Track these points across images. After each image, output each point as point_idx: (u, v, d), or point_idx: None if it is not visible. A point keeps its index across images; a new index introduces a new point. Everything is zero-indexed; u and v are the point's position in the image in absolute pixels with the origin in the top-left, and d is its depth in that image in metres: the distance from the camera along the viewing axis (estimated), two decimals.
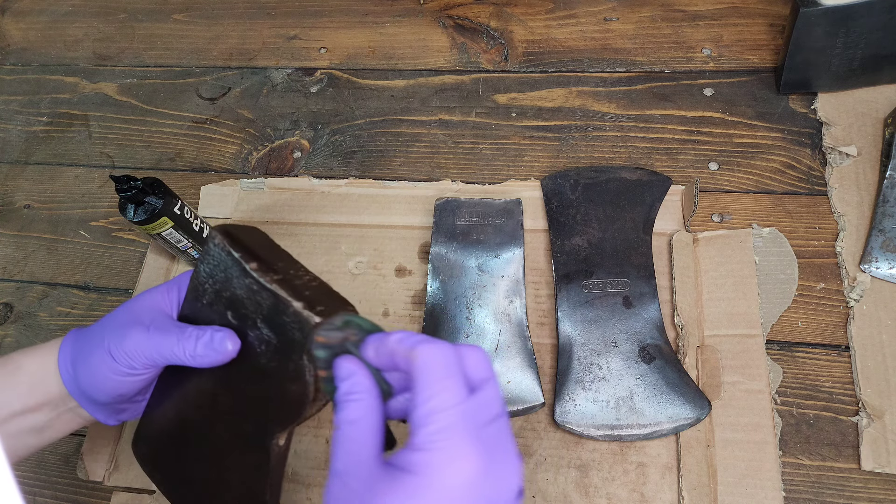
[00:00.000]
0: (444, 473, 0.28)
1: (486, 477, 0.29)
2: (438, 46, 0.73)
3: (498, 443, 0.30)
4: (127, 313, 0.40)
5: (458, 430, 0.29)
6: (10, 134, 0.76)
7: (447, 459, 0.28)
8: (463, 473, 0.28)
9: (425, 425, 0.29)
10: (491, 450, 0.29)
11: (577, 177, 0.60)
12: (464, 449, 0.28)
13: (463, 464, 0.28)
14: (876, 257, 0.53)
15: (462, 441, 0.29)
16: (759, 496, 0.46)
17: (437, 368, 0.30)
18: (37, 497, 0.53)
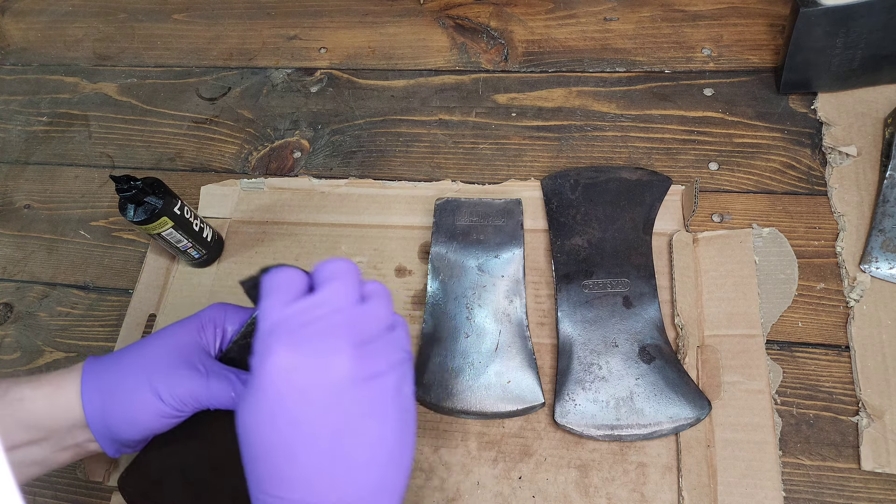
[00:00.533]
0: (263, 373, 0.33)
1: (302, 370, 0.32)
2: (438, 46, 0.73)
3: (319, 335, 0.33)
4: (171, 353, 0.40)
5: (273, 332, 0.33)
6: (10, 134, 0.76)
7: (262, 359, 0.33)
8: (277, 368, 0.32)
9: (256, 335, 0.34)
10: (307, 342, 0.33)
11: (577, 177, 0.60)
12: (274, 348, 0.33)
13: (274, 360, 0.32)
14: (876, 257, 0.53)
15: (274, 340, 0.33)
16: (759, 496, 0.46)
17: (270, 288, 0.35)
18: (37, 497, 0.53)
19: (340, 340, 0.33)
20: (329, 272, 0.36)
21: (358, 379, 0.33)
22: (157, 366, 0.39)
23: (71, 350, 0.60)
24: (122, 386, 0.38)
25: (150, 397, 0.38)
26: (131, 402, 0.38)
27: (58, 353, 0.60)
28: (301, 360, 0.33)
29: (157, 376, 0.38)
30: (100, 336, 0.60)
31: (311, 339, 0.33)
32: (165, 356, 0.39)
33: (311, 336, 0.33)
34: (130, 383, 0.38)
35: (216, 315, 0.42)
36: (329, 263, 0.36)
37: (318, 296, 0.35)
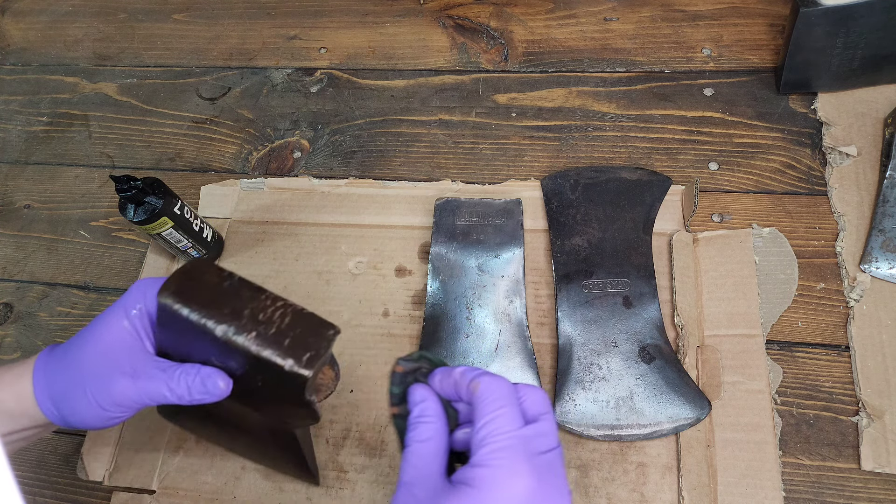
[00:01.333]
0: (500, 488, 0.31)
1: (537, 498, 0.31)
2: (438, 46, 0.73)
3: (550, 471, 0.32)
4: (102, 359, 0.39)
5: (514, 451, 0.32)
6: (10, 134, 0.76)
7: (503, 476, 0.31)
8: (517, 490, 0.31)
9: (485, 445, 0.32)
10: (543, 475, 0.32)
11: (577, 177, 0.60)
12: (519, 468, 0.31)
13: (518, 481, 0.31)
14: (876, 257, 0.53)
15: (517, 461, 0.31)
16: (759, 496, 0.46)
17: (497, 397, 0.33)
18: (37, 497, 0.53)
19: (563, 480, 0.33)
20: (540, 403, 0.35)
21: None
22: (92, 375, 0.38)
23: None
24: (68, 394, 0.39)
25: (92, 405, 0.38)
26: (78, 408, 0.39)
27: None
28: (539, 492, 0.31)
29: (93, 386, 0.38)
30: None
31: (548, 472, 0.32)
32: (98, 363, 0.39)
33: (546, 472, 0.32)
34: (73, 392, 0.39)
35: (138, 300, 0.39)
36: (538, 393, 0.35)
37: (542, 426, 0.34)
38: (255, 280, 0.59)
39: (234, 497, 0.50)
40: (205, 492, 0.51)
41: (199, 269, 0.39)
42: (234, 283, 0.39)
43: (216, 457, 0.52)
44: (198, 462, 0.52)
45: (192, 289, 0.38)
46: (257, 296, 0.39)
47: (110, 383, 0.38)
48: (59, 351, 0.40)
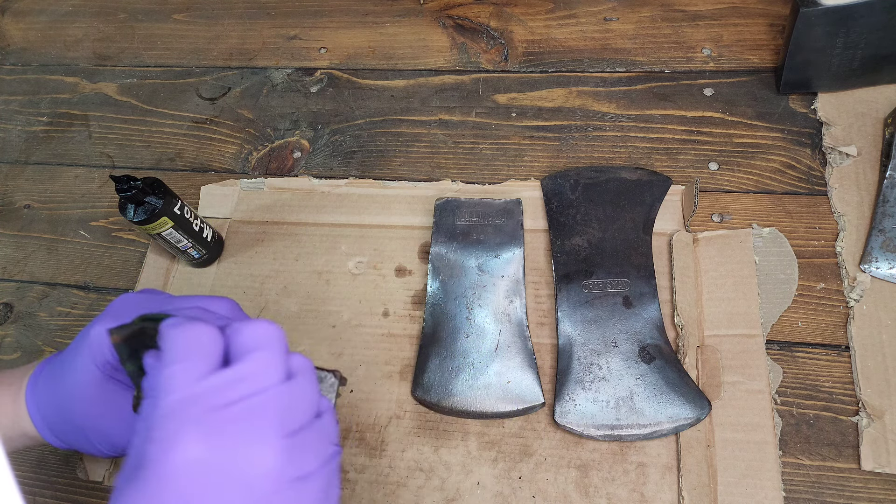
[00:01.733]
0: (162, 465, 0.26)
1: (217, 464, 0.27)
2: (438, 46, 0.73)
3: (241, 423, 0.27)
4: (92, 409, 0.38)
5: (179, 415, 0.27)
6: (10, 134, 0.76)
7: (164, 449, 0.27)
8: (183, 461, 0.26)
9: (151, 413, 0.28)
10: (225, 431, 0.27)
11: (577, 177, 0.60)
12: (181, 435, 0.27)
13: (179, 451, 0.26)
14: (876, 257, 0.53)
15: (181, 426, 0.27)
16: (759, 496, 0.46)
17: (176, 349, 0.29)
18: (37, 497, 0.53)
19: (266, 429, 0.27)
20: (252, 339, 0.29)
21: (284, 479, 0.27)
22: (90, 427, 0.38)
23: None
24: (72, 439, 0.40)
25: (99, 449, 0.39)
26: (80, 445, 0.40)
27: None
28: (215, 454, 0.27)
29: (93, 436, 0.39)
30: None
31: (228, 428, 0.27)
32: (91, 415, 0.38)
33: (228, 423, 0.27)
34: (77, 439, 0.39)
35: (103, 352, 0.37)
36: (252, 327, 0.30)
37: (239, 369, 0.28)
38: (256, 280, 0.60)
39: None
40: None
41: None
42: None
43: None
44: None
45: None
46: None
47: (111, 434, 0.39)
48: (47, 394, 0.39)
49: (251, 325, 0.30)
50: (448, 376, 0.52)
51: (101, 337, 0.36)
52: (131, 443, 0.29)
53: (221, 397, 0.28)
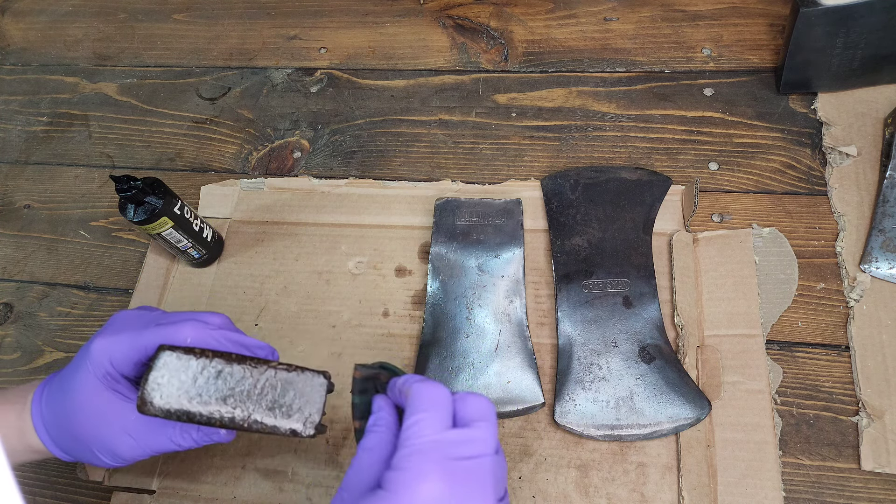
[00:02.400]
0: (407, 491, 0.30)
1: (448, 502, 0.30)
2: (438, 46, 0.73)
3: (471, 478, 0.32)
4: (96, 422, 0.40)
5: (426, 455, 0.31)
6: (10, 134, 0.76)
7: (412, 479, 0.31)
8: (423, 494, 0.30)
9: (401, 448, 0.32)
10: (460, 481, 0.31)
11: (577, 177, 0.60)
12: (428, 471, 0.31)
13: (425, 484, 0.30)
14: (876, 257, 0.53)
15: (427, 464, 0.31)
16: (759, 496, 0.46)
17: (423, 400, 0.33)
18: (37, 497, 0.53)
19: (486, 488, 0.32)
20: (477, 409, 0.34)
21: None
22: (94, 438, 0.40)
23: (71, 350, 0.60)
24: (79, 453, 0.41)
25: (104, 461, 0.41)
26: (84, 456, 0.41)
27: (58, 353, 0.60)
28: (450, 497, 0.31)
29: (98, 448, 0.40)
30: None
31: (464, 479, 0.31)
32: (94, 428, 0.40)
33: (462, 473, 0.31)
34: (76, 447, 0.41)
35: (104, 365, 0.39)
36: (478, 400, 0.35)
37: (470, 432, 0.33)
38: (256, 280, 0.60)
39: (234, 497, 0.50)
40: (205, 492, 0.51)
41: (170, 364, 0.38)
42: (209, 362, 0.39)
43: (216, 457, 0.52)
44: (198, 462, 0.52)
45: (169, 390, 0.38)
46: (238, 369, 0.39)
47: (115, 446, 0.40)
48: (51, 409, 0.41)
49: (476, 396, 0.35)
50: (448, 376, 0.52)
51: (102, 350, 0.39)
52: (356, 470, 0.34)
53: (459, 451, 0.32)
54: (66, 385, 0.40)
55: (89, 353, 0.39)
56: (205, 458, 0.52)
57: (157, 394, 0.37)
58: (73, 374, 0.40)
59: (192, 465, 0.52)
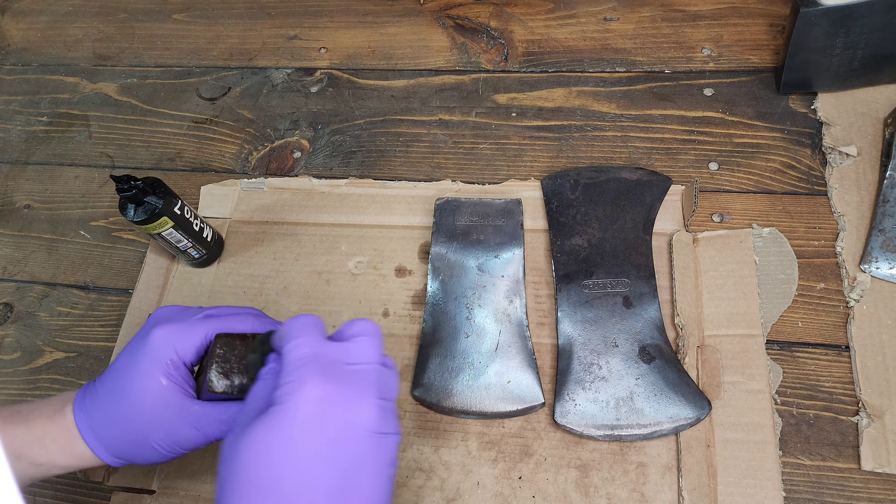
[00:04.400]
0: (294, 399, 0.33)
1: (333, 404, 0.33)
2: (438, 46, 0.73)
3: (351, 382, 0.34)
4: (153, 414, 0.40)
5: (307, 363, 0.34)
6: (10, 134, 0.76)
7: (296, 387, 0.33)
8: (310, 398, 0.33)
9: (284, 368, 0.35)
10: (341, 384, 0.34)
11: (577, 177, 0.60)
12: (311, 377, 0.33)
13: (309, 389, 0.33)
14: (876, 257, 0.53)
15: (309, 372, 0.34)
16: (759, 496, 0.46)
17: (295, 329, 0.36)
18: (37, 497, 0.53)
19: (368, 389, 0.35)
20: (360, 329, 0.37)
21: (374, 431, 0.34)
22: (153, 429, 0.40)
23: (71, 350, 0.60)
24: (130, 450, 0.41)
25: (160, 453, 0.41)
26: (143, 456, 0.41)
27: (58, 353, 0.60)
28: (332, 397, 0.33)
29: (156, 438, 0.40)
30: (100, 336, 0.60)
31: (343, 380, 0.34)
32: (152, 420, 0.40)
33: (343, 376, 0.34)
34: (131, 445, 0.40)
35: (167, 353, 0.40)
36: (359, 322, 0.38)
37: (352, 345, 0.36)
38: (256, 280, 0.60)
39: None
40: (205, 492, 0.51)
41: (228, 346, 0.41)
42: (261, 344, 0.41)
43: (216, 457, 0.52)
44: (198, 462, 0.52)
45: (232, 370, 0.40)
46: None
47: (175, 435, 0.40)
48: (102, 411, 0.40)
49: (358, 319, 0.38)
50: (448, 376, 0.52)
51: (165, 338, 0.40)
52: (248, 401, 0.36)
53: (338, 358, 0.35)
54: (122, 381, 0.40)
55: (148, 343, 0.40)
56: (205, 458, 0.52)
57: (221, 375, 0.40)
58: (131, 369, 0.40)
59: (192, 465, 0.52)
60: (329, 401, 0.33)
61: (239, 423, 0.35)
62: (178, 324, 0.41)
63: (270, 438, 0.33)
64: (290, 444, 0.32)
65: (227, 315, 0.42)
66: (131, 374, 0.40)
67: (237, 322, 0.42)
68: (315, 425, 0.33)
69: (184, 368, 0.41)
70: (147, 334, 0.40)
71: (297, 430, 0.33)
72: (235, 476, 0.33)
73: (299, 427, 0.33)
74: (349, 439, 0.33)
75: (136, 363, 0.40)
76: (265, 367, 0.38)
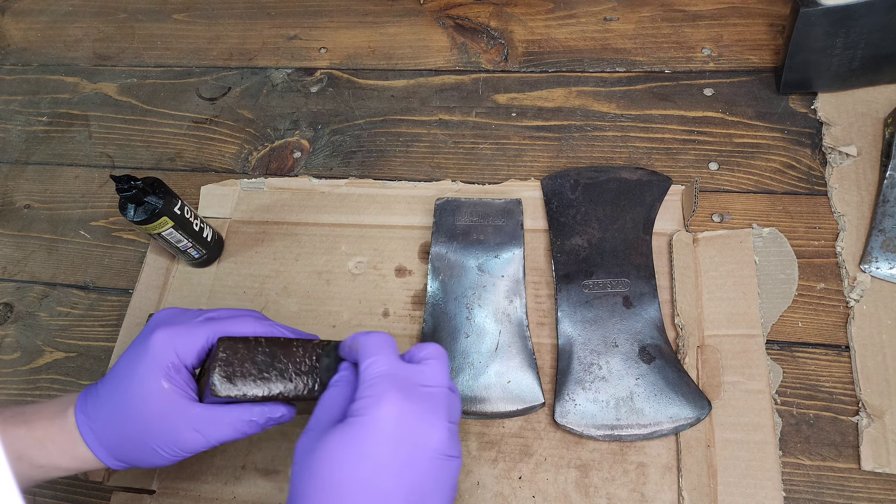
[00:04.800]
0: (373, 411, 0.34)
1: (409, 422, 0.34)
2: (438, 46, 0.73)
3: (426, 403, 0.36)
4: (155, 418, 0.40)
5: (385, 381, 0.35)
6: (10, 134, 0.76)
7: (374, 402, 0.35)
8: (388, 411, 0.34)
9: (362, 382, 0.36)
10: (416, 404, 0.35)
11: (577, 177, 0.60)
12: (389, 392, 0.35)
13: (388, 405, 0.34)
14: (876, 257, 0.53)
15: (388, 388, 0.35)
16: (759, 496, 0.46)
17: (373, 345, 0.38)
18: (37, 497, 0.53)
19: (440, 412, 0.36)
20: (430, 352, 0.39)
21: (443, 453, 0.35)
22: (154, 433, 0.40)
23: (71, 350, 0.60)
24: (128, 450, 0.41)
25: (163, 457, 0.41)
26: (140, 457, 0.41)
27: (58, 353, 0.60)
28: (408, 415, 0.34)
29: (158, 442, 0.40)
30: (100, 336, 0.60)
31: (418, 399, 0.35)
32: (153, 424, 0.40)
33: (418, 396, 0.36)
34: (133, 449, 0.40)
35: (168, 356, 0.40)
36: (430, 346, 0.39)
37: (425, 367, 0.38)
38: (256, 280, 0.60)
39: (234, 497, 0.50)
40: (205, 492, 0.51)
41: (232, 349, 0.40)
42: (264, 347, 0.41)
43: (216, 456, 0.52)
44: (198, 462, 0.52)
45: (235, 374, 0.40)
46: (289, 350, 0.42)
47: (176, 438, 0.40)
48: (103, 414, 0.40)
49: (427, 343, 0.40)
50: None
51: (166, 341, 0.40)
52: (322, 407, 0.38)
53: (412, 379, 0.36)
54: (123, 384, 0.40)
55: (149, 346, 0.40)
56: (205, 457, 0.52)
57: (224, 379, 0.39)
58: (131, 372, 0.40)
59: (192, 465, 0.52)
60: (405, 419, 0.34)
61: (314, 429, 0.37)
62: (179, 326, 0.41)
63: (348, 448, 0.34)
64: (366, 456, 0.33)
65: (229, 318, 0.42)
66: (132, 377, 0.40)
67: (238, 324, 0.42)
68: (391, 440, 0.34)
69: (185, 371, 0.41)
70: (148, 337, 0.40)
71: (375, 442, 0.34)
72: (310, 480, 0.34)
73: (377, 440, 0.34)
74: (420, 458, 0.34)
75: (137, 366, 0.40)
76: (336, 375, 0.40)
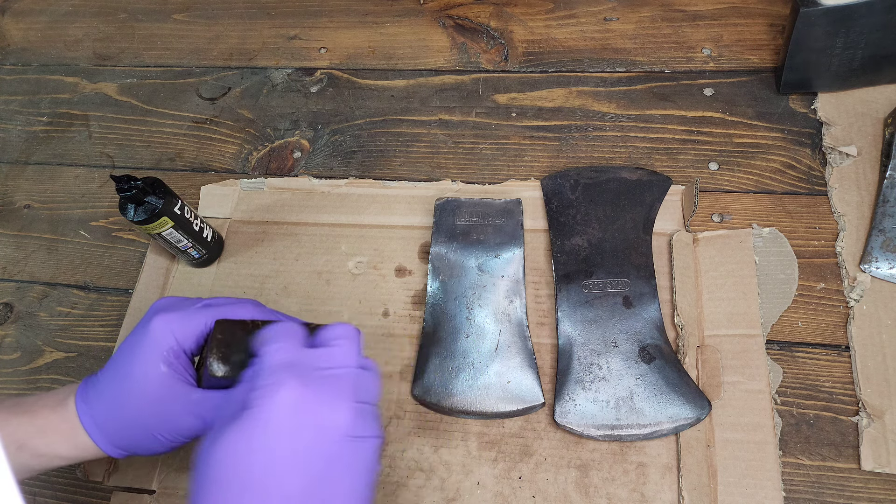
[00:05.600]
0: (268, 404, 0.34)
1: (308, 408, 0.34)
2: (438, 46, 0.73)
3: (327, 386, 0.35)
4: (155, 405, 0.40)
5: (283, 370, 0.35)
6: (10, 134, 0.76)
7: (271, 390, 0.34)
8: (284, 402, 0.34)
9: (259, 372, 0.36)
10: (316, 388, 0.35)
11: (577, 177, 0.60)
12: (286, 381, 0.34)
13: (283, 393, 0.34)
14: (876, 257, 0.53)
15: (285, 376, 0.34)
16: (759, 496, 0.46)
17: (273, 335, 0.37)
18: (37, 497, 0.53)
19: (345, 394, 0.35)
20: (337, 333, 0.38)
21: (349, 435, 0.35)
22: (154, 420, 0.40)
23: (71, 350, 0.60)
24: (128, 438, 0.41)
25: (163, 444, 0.41)
26: (139, 445, 0.41)
27: (58, 353, 0.60)
28: (310, 399, 0.34)
29: (158, 429, 0.40)
30: (100, 336, 0.60)
31: (318, 384, 0.35)
32: (154, 411, 0.40)
33: (318, 381, 0.35)
34: (133, 436, 0.41)
35: (168, 341, 0.40)
36: (338, 326, 0.39)
37: (328, 350, 0.37)
38: (256, 280, 0.60)
39: None
40: None
41: (228, 331, 0.41)
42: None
43: None
44: None
45: (229, 354, 0.40)
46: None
47: (175, 423, 0.40)
48: (103, 400, 0.40)
49: (337, 324, 0.39)
50: (448, 376, 0.52)
51: (164, 326, 0.40)
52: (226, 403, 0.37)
53: (314, 363, 0.36)
54: (123, 369, 0.40)
55: (149, 331, 0.40)
56: None
57: (221, 360, 0.39)
58: (132, 358, 0.40)
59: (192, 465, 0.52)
60: (303, 405, 0.34)
61: (215, 426, 0.36)
62: (178, 312, 0.41)
63: (243, 442, 0.33)
64: (262, 449, 0.33)
65: (227, 304, 0.42)
66: (132, 363, 0.40)
67: (237, 310, 0.42)
68: (288, 430, 0.33)
69: (184, 357, 0.41)
70: (147, 323, 0.41)
71: (270, 434, 0.33)
72: (208, 479, 0.33)
73: (272, 431, 0.33)
74: (323, 443, 0.34)
75: (137, 351, 0.40)
76: (248, 370, 0.38)
